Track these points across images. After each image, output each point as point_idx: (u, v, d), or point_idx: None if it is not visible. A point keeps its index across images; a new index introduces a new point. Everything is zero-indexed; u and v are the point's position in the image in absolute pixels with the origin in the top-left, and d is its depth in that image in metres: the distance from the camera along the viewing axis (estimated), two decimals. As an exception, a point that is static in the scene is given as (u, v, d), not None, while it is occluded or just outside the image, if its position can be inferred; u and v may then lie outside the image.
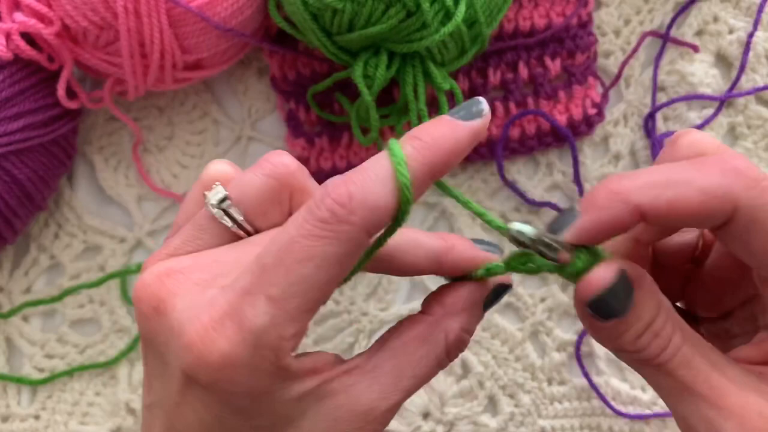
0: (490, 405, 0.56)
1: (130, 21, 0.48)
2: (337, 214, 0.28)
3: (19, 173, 0.50)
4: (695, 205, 0.27)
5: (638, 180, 0.28)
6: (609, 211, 0.28)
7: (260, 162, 0.32)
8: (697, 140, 0.30)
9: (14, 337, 0.57)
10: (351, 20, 0.47)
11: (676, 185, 0.28)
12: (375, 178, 0.28)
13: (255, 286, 0.28)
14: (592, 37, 0.55)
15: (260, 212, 0.31)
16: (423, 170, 0.29)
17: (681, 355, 0.29)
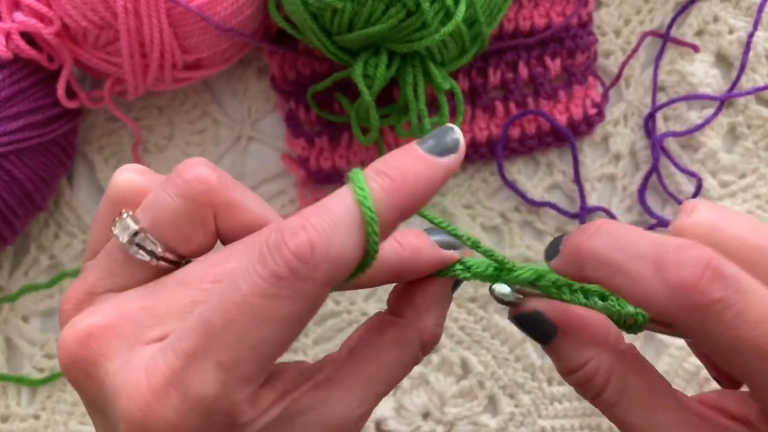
0: (490, 405, 0.56)
1: (130, 21, 0.48)
2: (297, 271, 0.24)
3: (19, 173, 0.50)
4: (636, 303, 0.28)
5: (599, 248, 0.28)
6: (569, 267, 0.29)
7: (172, 177, 0.28)
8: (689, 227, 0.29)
9: (14, 337, 0.57)
10: (351, 20, 0.47)
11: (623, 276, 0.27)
12: (339, 224, 0.25)
13: (201, 350, 0.25)
14: (592, 37, 0.55)
15: (181, 239, 0.28)
16: (392, 215, 0.26)
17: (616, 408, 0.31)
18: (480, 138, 0.55)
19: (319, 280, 0.25)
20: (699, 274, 0.26)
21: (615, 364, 0.31)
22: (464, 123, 0.55)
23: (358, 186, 0.26)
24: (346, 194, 0.26)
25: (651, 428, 0.30)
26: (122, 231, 0.28)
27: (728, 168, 0.55)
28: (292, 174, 0.56)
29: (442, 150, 0.27)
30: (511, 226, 0.56)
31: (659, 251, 0.26)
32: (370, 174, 0.27)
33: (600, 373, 0.31)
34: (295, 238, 0.25)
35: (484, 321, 0.56)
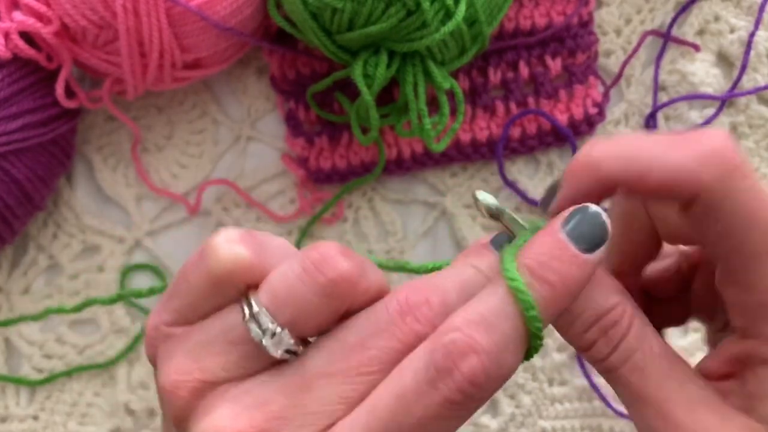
0: (490, 406, 0.56)
1: (129, 20, 0.48)
2: (472, 397, 0.25)
3: (18, 173, 0.50)
4: (660, 183, 0.27)
5: (611, 150, 0.28)
6: (583, 183, 0.28)
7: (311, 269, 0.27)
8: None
9: (13, 338, 0.57)
10: (351, 19, 0.47)
11: (647, 159, 0.27)
12: (508, 344, 0.25)
13: None
14: (592, 37, 0.55)
15: (315, 329, 0.27)
16: (549, 321, 0.26)
17: (633, 361, 0.28)
18: (480, 138, 0.55)
19: (487, 399, 0.26)
20: (727, 140, 0.27)
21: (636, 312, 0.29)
22: (464, 122, 0.55)
23: (522, 299, 0.25)
24: (507, 304, 0.26)
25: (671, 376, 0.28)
26: (276, 344, 0.26)
27: (729, 168, 0.55)
28: (292, 174, 0.56)
29: (592, 246, 0.27)
30: (511, 226, 0.56)
31: (679, 135, 0.27)
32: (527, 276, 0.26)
33: (625, 316, 0.28)
34: (467, 362, 0.25)
35: (484, 321, 0.55)
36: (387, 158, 0.55)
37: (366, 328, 0.27)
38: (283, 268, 0.27)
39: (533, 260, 0.26)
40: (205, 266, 0.27)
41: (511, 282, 0.26)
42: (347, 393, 0.26)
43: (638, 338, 0.29)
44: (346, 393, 0.26)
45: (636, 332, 0.29)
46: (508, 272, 0.26)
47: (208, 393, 0.27)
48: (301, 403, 0.26)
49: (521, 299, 0.25)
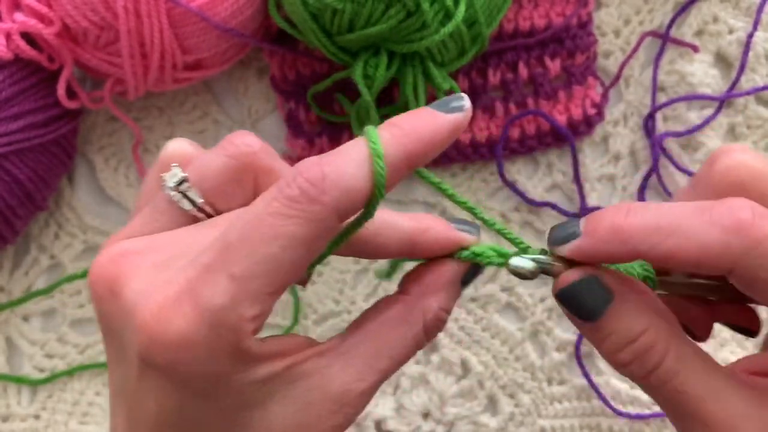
0: (490, 405, 0.56)
1: (131, 21, 0.48)
2: (308, 193, 0.27)
3: (20, 173, 0.50)
4: (693, 259, 0.28)
5: (642, 221, 0.28)
6: (607, 245, 0.29)
7: (222, 142, 0.31)
8: (733, 167, 0.30)
9: (14, 337, 0.57)
10: (351, 20, 0.47)
11: (676, 235, 0.28)
12: (350, 160, 0.28)
13: (217, 263, 0.27)
14: (591, 37, 0.55)
15: (221, 194, 0.31)
16: (399, 157, 0.28)
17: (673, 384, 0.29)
18: (480, 138, 0.55)
19: (328, 205, 0.27)
20: (750, 213, 0.27)
21: (673, 330, 0.30)
22: (464, 123, 0.55)
23: (370, 132, 0.28)
24: (359, 140, 0.29)
25: (713, 395, 0.29)
26: (170, 178, 0.30)
27: (728, 168, 0.55)
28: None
29: (448, 109, 0.30)
30: (511, 226, 0.56)
31: (704, 207, 0.28)
32: (382, 126, 0.29)
33: (661, 339, 0.29)
34: (310, 169, 0.27)
35: (484, 321, 0.56)
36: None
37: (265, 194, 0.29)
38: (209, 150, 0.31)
39: (392, 119, 0.30)
40: (157, 161, 0.32)
41: (367, 129, 0.29)
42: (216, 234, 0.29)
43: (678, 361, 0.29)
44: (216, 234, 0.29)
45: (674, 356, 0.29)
46: (368, 127, 0.29)
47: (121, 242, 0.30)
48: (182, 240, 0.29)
49: (367, 133, 0.28)
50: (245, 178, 0.31)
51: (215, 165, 0.30)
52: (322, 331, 0.56)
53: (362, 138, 0.29)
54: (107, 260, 0.29)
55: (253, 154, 0.31)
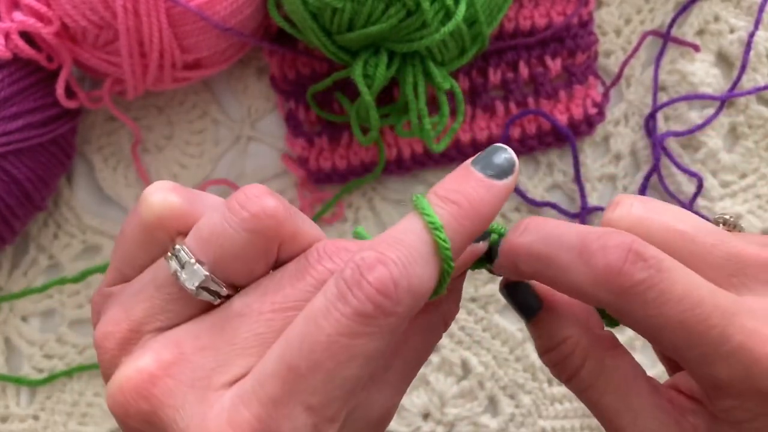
0: (490, 405, 0.56)
1: (130, 20, 0.48)
2: (382, 307, 0.24)
3: (18, 173, 0.50)
4: (570, 294, 0.29)
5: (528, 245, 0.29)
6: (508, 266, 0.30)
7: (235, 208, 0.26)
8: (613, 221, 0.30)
9: (13, 338, 0.57)
10: (351, 19, 0.47)
11: (555, 267, 0.28)
12: (416, 256, 0.25)
13: (288, 395, 0.24)
14: (592, 37, 0.55)
15: (244, 274, 0.27)
16: (462, 241, 0.27)
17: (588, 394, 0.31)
18: (480, 138, 0.55)
19: (402, 314, 0.25)
20: (622, 257, 0.27)
21: (593, 346, 0.31)
22: (464, 123, 0.55)
23: (426, 214, 0.26)
24: (415, 223, 0.26)
25: (625, 411, 0.30)
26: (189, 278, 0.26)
27: (729, 168, 0.55)
28: (292, 174, 0.56)
29: (500, 173, 0.28)
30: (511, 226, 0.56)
31: (584, 241, 0.28)
32: (435, 201, 0.27)
33: (577, 351, 0.31)
34: (375, 272, 0.24)
35: (484, 321, 0.55)
36: (387, 158, 0.55)
37: (285, 271, 0.27)
38: (211, 212, 0.27)
39: (442, 189, 0.28)
40: (138, 216, 0.28)
41: (420, 209, 0.26)
42: (260, 330, 0.26)
43: (592, 375, 0.30)
44: (259, 330, 0.25)
45: (589, 369, 0.31)
46: (419, 200, 0.27)
47: (135, 342, 0.26)
48: (212, 344, 0.25)
49: (426, 216, 0.26)
50: (271, 251, 0.27)
51: (238, 244, 0.26)
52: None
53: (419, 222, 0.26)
54: (135, 394, 0.25)
55: (279, 225, 0.26)
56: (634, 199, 0.30)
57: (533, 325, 0.32)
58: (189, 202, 0.28)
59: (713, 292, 0.27)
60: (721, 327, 0.27)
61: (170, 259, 0.26)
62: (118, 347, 0.27)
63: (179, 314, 0.27)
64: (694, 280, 0.27)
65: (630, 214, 0.30)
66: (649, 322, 0.27)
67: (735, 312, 0.27)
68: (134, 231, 0.28)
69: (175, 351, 0.26)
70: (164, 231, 0.27)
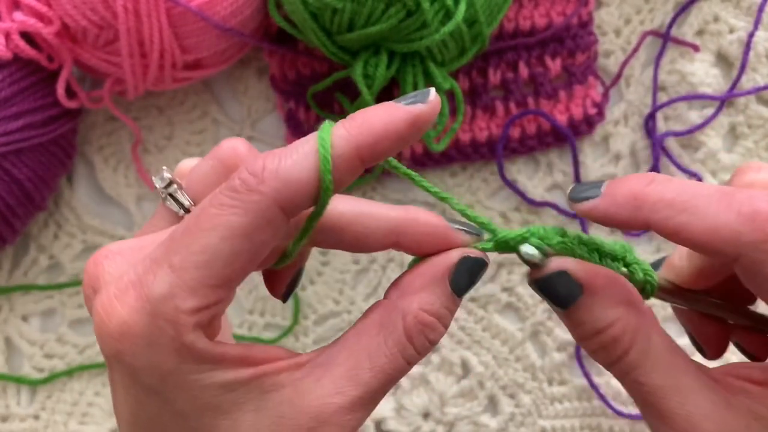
0: (490, 405, 0.56)
1: (130, 20, 0.48)
2: (247, 182, 0.27)
3: (19, 173, 0.50)
4: (699, 238, 0.28)
5: (660, 192, 0.29)
6: (621, 210, 0.30)
7: (213, 149, 0.32)
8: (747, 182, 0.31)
9: (14, 337, 0.57)
10: (351, 20, 0.47)
11: (689, 213, 0.28)
12: (294, 152, 0.27)
13: (162, 255, 0.27)
14: (592, 37, 0.55)
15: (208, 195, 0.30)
16: (349, 149, 0.27)
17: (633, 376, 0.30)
18: (480, 138, 0.55)
19: (266, 194, 0.26)
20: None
21: (641, 324, 0.30)
22: (464, 123, 0.55)
23: (322, 126, 0.28)
24: (311, 135, 0.28)
25: (674, 390, 0.29)
26: (158, 180, 0.31)
27: (729, 168, 0.55)
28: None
29: (408, 102, 0.29)
30: (511, 226, 0.56)
31: (725, 191, 0.28)
32: (340, 122, 0.28)
33: (627, 333, 0.30)
34: (255, 161, 0.27)
35: (484, 321, 0.55)
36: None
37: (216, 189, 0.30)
38: None
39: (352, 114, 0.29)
40: None
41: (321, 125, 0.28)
42: None
43: (641, 355, 0.30)
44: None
45: (638, 349, 0.30)
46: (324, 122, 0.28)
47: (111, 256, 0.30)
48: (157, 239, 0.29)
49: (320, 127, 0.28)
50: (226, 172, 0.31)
51: (203, 168, 0.31)
52: (322, 331, 0.56)
53: (315, 133, 0.28)
54: (92, 261, 0.29)
55: (236, 156, 0.31)
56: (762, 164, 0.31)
57: (573, 312, 0.31)
58: None
59: None
60: None
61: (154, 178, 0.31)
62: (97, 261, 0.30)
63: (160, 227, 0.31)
64: None
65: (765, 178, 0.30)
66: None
67: None
68: None
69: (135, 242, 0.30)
70: None
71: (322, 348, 0.29)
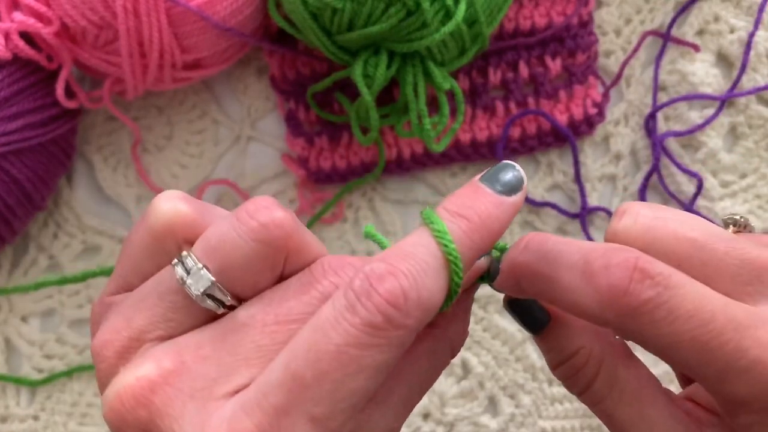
0: (490, 406, 0.56)
1: (129, 20, 0.48)
2: (392, 319, 0.24)
3: (18, 173, 0.50)
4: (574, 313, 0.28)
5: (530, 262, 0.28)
6: (507, 283, 0.30)
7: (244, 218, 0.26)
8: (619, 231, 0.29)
9: (13, 338, 0.57)
10: (351, 19, 0.47)
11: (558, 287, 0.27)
12: (427, 270, 0.25)
13: (293, 405, 0.23)
14: (592, 37, 0.55)
15: (249, 284, 0.26)
16: (471, 256, 0.27)
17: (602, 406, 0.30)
18: (480, 138, 0.55)
19: (411, 327, 0.25)
20: (627, 276, 0.26)
21: (606, 355, 0.30)
22: (464, 123, 0.55)
23: (437, 228, 0.26)
24: (425, 236, 0.26)
25: (640, 423, 0.29)
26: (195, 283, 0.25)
27: (729, 168, 0.55)
28: (292, 174, 0.56)
29: (509, 190, 0.28)
30: (511, 226, 0.56)
31: (587, 259, 0.27)
32: (445, 215, 0.27)
33: (590, 362, 0.30)
34: (385, 283, 0.24)
35: (484, 321, 0.55)
36: (387, 158, 0.55)
37: (290, 284, 0.27)
38: (220, 221, 0.27)
39: (452, 204, 0.27)
40: (146, 223, 0.27)
41: (430, 223, 0.27)
42: (264, 342, 0.25)
43: (605, 386, 0.30)
44: (263, 342, 0.25)
45: (603, 380, 0.30)
46: (428, 214, 0.27)
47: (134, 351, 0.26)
48: (214, 354, 0.25)
49: (436, 229, 0.26)
50: (276, 263, 0.26)
51: (243, 253, 0.25)
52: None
53: (429, 236, 0.26)
54: (132, 401, 0.24)
55: (286, 237, 0.26)
56: (640, 207, 0.29)
57: (542, 339, 0.31)
58: (198, 212, 0.27)
59: (726, 305, 0.26)
60: (736, 341, 0.25)
61: (176, 265, 0.26)
62: (117, 356, 0.26)
63: (181, 324, 0.26)
64: (705, 294, 0.26)
65: (636, 224, 0.28)
66: (660, 341, 0.26)
67: (749, 324, 0.26)
68: (142, 238, 0.28)
69: (176, 359, 0.25)
70: (172, 239, 0.27)
71: None
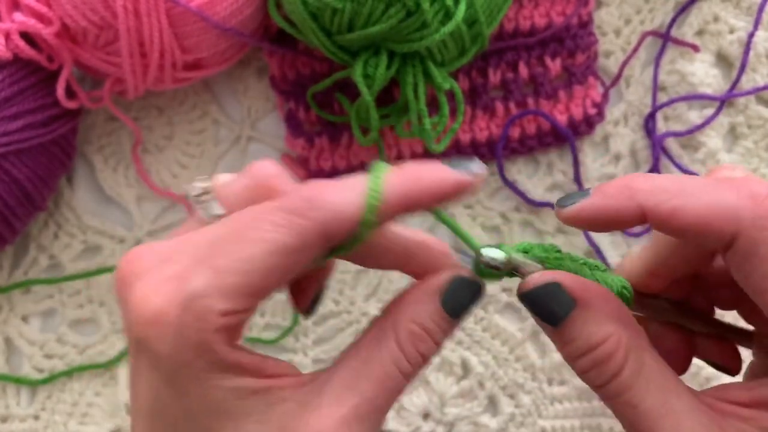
0: (490, 405, 0.56)
1: (130, 20, 0.48)
2: (299, 207, 0.28)
3: (19, 173, 0.50)
4: (697, 218, 0.28)
5: (652, 182, 0.29)
6: (613, 201, 0.29)
7: (247, 167, 0.33)
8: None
9: (14, 337, 0.57)
10: (351, 20, 0.47)
11: (685, 195, 0.28)
12: (347, 188, 0.29)
13: (206, 256, 0.28)
14: (592, 37, 0.55)
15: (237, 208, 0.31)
16: (396, 196, 0.29)
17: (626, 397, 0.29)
18: (480, 138, 0.55)
19: (314, 220, 0.28)
20: (766, 189, 0.28)
21: (633, 341, 0.29)
22: (464, 123, 0.55)
23: (376, 167, 0.30)
24: (364, 174, 0.30)
25: (666, 414, 0.29)
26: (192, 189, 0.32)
27: (729, 168, 0.55)
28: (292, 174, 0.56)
29: (458, 168, 0.30)
30: (511, 226, 0.56)
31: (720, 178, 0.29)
32: (392, 168, 0.30)
33: (620, 350, 0.29)
34: (309, 188, 0.29)
35: (484, 321, 0.55)
36: (387, 158, 0.55)
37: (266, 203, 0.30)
38: None
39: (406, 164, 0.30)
40: None
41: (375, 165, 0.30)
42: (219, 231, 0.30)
43: (633, 374, 0.29)
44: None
45: (631, 368, 0.29)
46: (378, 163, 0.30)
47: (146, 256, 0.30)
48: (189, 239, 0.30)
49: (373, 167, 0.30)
50: (261, 196, 0.31)
51: (237, 184, 0.32)
52: (322, 331, 0.56)
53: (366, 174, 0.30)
54: (125, 260, 0.30)
55: (267, 176, 0.32)
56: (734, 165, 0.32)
57: (564, 329, 0.30)
58: None
59: None
60: None
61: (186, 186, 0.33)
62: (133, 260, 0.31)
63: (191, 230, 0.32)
64: None
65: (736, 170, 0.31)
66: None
67: None
68: None
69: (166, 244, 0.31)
70: None
71: (326, 368, 0.31)
